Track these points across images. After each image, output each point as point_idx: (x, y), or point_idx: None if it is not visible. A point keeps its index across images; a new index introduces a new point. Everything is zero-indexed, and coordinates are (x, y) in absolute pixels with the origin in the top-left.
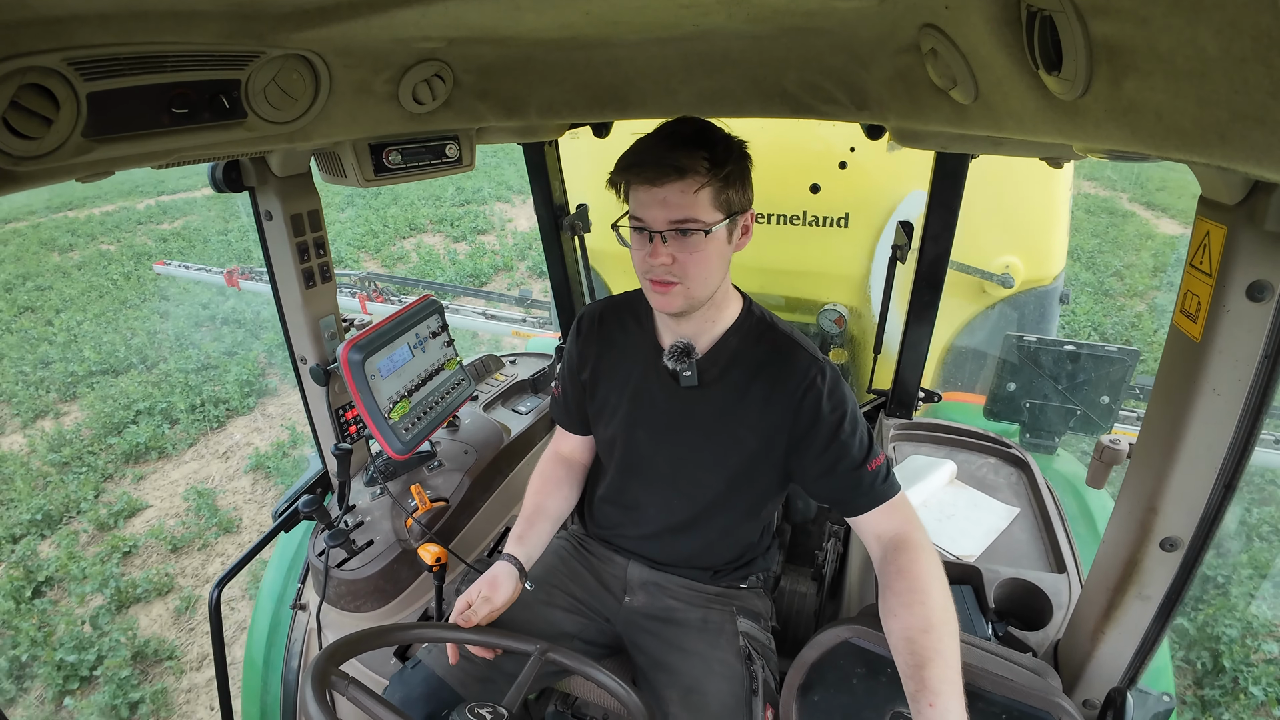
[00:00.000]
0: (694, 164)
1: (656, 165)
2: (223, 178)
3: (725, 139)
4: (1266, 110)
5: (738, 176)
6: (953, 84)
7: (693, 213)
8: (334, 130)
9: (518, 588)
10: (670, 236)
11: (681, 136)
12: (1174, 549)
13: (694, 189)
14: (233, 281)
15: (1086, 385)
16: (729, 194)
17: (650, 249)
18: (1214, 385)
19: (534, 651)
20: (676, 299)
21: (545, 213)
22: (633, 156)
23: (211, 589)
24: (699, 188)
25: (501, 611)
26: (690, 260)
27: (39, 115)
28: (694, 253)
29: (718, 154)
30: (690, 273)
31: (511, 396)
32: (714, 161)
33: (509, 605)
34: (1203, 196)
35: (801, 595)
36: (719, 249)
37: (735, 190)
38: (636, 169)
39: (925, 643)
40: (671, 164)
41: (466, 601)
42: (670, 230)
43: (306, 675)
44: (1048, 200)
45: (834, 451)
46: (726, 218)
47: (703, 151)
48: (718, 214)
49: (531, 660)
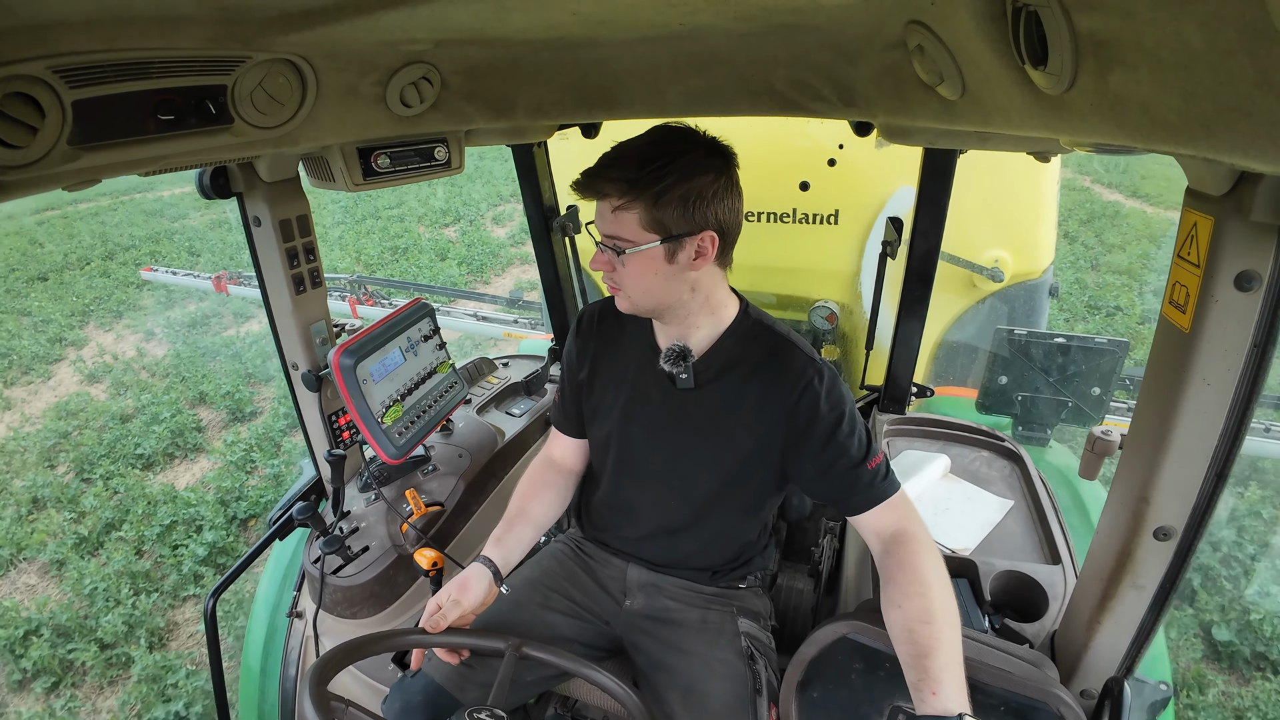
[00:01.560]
0: (613, 187)
1: (585, 184)
2: (210, 184)
3: (669, 157)
4: (1252, 102)
5: (679, 199)
6: (939, 80)
7: (616, 231)
8: (322, 134)
9: (492, 590)
10: (607, 246)
11: (620, 154)
12: (1167, 538)
13: (611, 209)
14: (221, 287)
15: (1077, 377)
16: (660, 216)
17: (595, 254)
18: (1204, 375)
19: (505, 648)
20: (623, 301)
21: (535, 214)
22: (583, 169)
23: (206, 598)
24: (616, 209)
25: (474, 614)
26: (624, 273)
27: (24, 124)
28: (624, 267)
29: (645, 176)
30: (626, 284)
31: (505, 399)
32: (636, 184)
33: (482, 608)
34: (1189, 188)
35: (799, 592)
36: (655, 267)
37: (672, 212)
38: (574, 184)
39: (927, 633)
40: (593, 186)
41: (436, 605)
42: (604, 243)
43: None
44: (1036, 194)
45: (832, 451)
46: (663, 240)
47: (629, 173)
48: (648, 234)
49: (505, 657)
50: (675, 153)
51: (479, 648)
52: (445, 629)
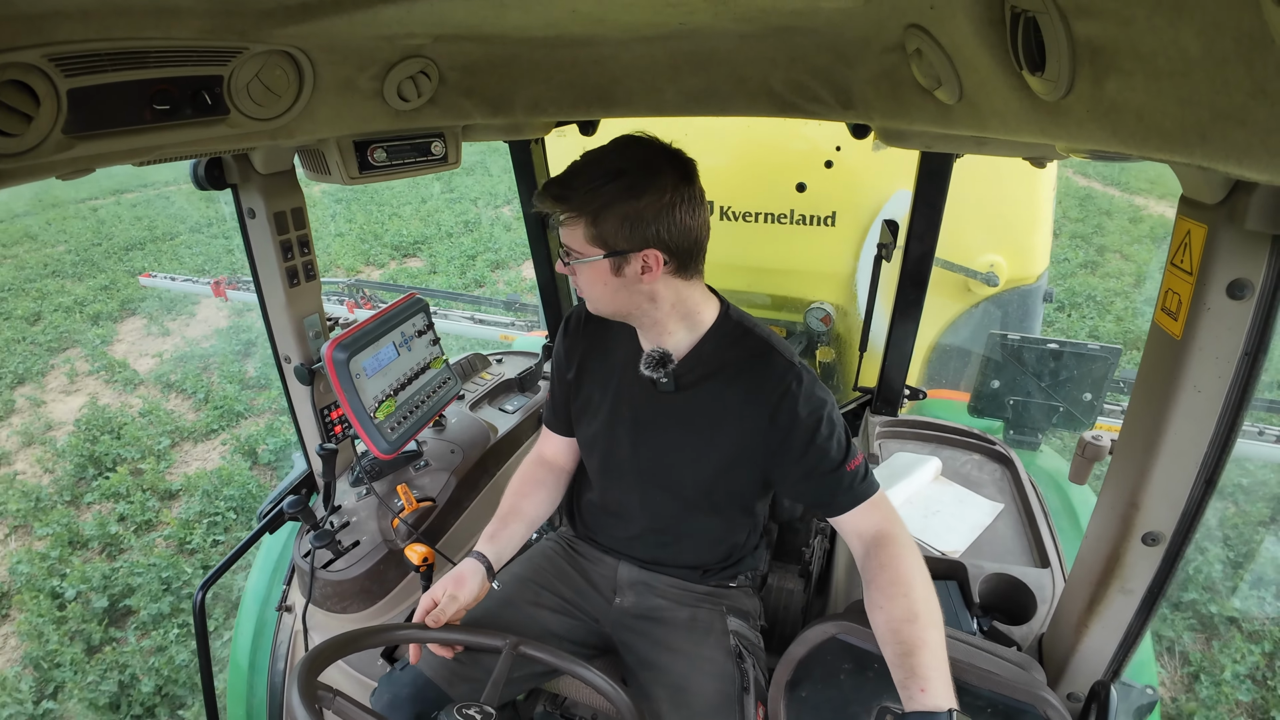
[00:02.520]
0: (556, 204)
1: (537, 194)
2: (205, 175)
3: (610, 176)
4: (1247, 110)
5: (619, 218)
6: (937, 84)
7: (567, 241)
8: (318, 127)
9: (485, 586)
10: (562, 253)
11: (573, 170)
12: (1156, 543)
13: (561, 219)
14: (219, 292)
15: (1069, 382)
16: (600, 231)
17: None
18: (1195, 382)
19: (504, 646)
20: (591, 305)
21: (532, 212)
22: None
23: (196, 591)
24: (563, 221)
25: (468, 609)
26: (581, 281)
27: (19, 112)
28: (580, 275)
29: (579, 196)
30: (584, 290)
31: (498, 395)
32: (574, 203)
33: (476, 603)
34: (1184, 196)
35: (789, 592)
36: (603, 279)
37: (610, 228)
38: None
39: (911, 632)
40: (540, 199)
41: (432, 600)
42: (562, 249)
43: (291, 688)
44: (1032, 200)
45: (812, 455)
46: (606, 254)
47: (569, 191)
48: (592, 248)
49: (503, 656)
50: (618, 171)
51: (477, 645)
52: (444, 624)
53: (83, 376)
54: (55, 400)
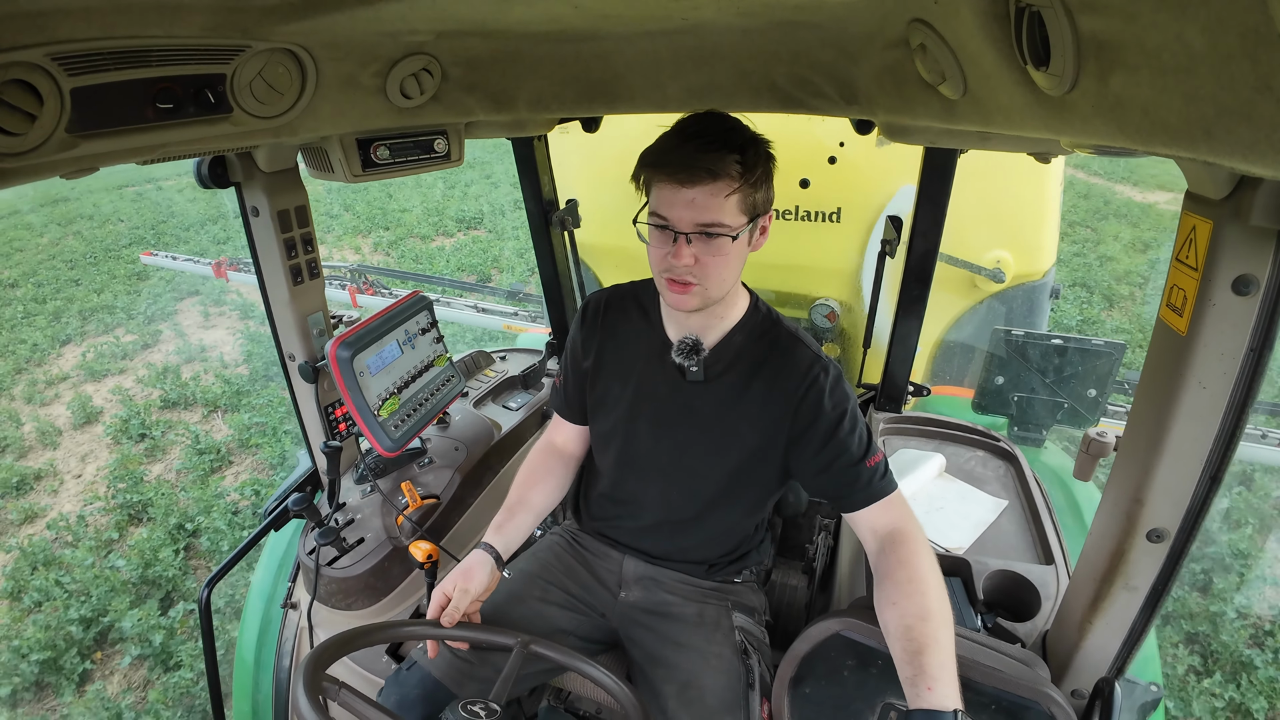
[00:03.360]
0: (727, 168)
1: (688, 166)
2: (208, 173)
3: (754, 140)
4: (1252, 106)
5: (764, 179)
6: (941, 79)
7: (720, 217)
8: (321, 125)
9: (495, 576)
10: (695, 238)
11: (713, 136)
12: (1160, 540)
13: (724, 193)
14: (221, 273)
15: (1073, 379)
16: (755, 197)
17: (673, 249)
18: (1200, 378)
19: (515, 645)
20: (694, 299)
21: (535, 208)
22: (662, 153)
23: (201, 588)
24: (729, 193)
25: (480, 601)
26: (712, 263)
27: (22, 111)
28: (716, 255)
29: (748, 158)
30: (710, 275)
31: (502, 393)
32: (745, 166)
33: (487, 594)
34: (1189, 191)
35: (792, 588)
36: (740, 251)
37: (761, 193)
38: (666, 168)
39: (923, 630)
40: (705, 167)
41: (445, 595)
42: (696, 232)
43: (297, 680)
44: (1039, 195)
45: (833, 448)
46: (750, 221)
47: (735, 155)
48: (743, 218)
49: (514, 654)
50: (753, 135)
51: (490, 642)
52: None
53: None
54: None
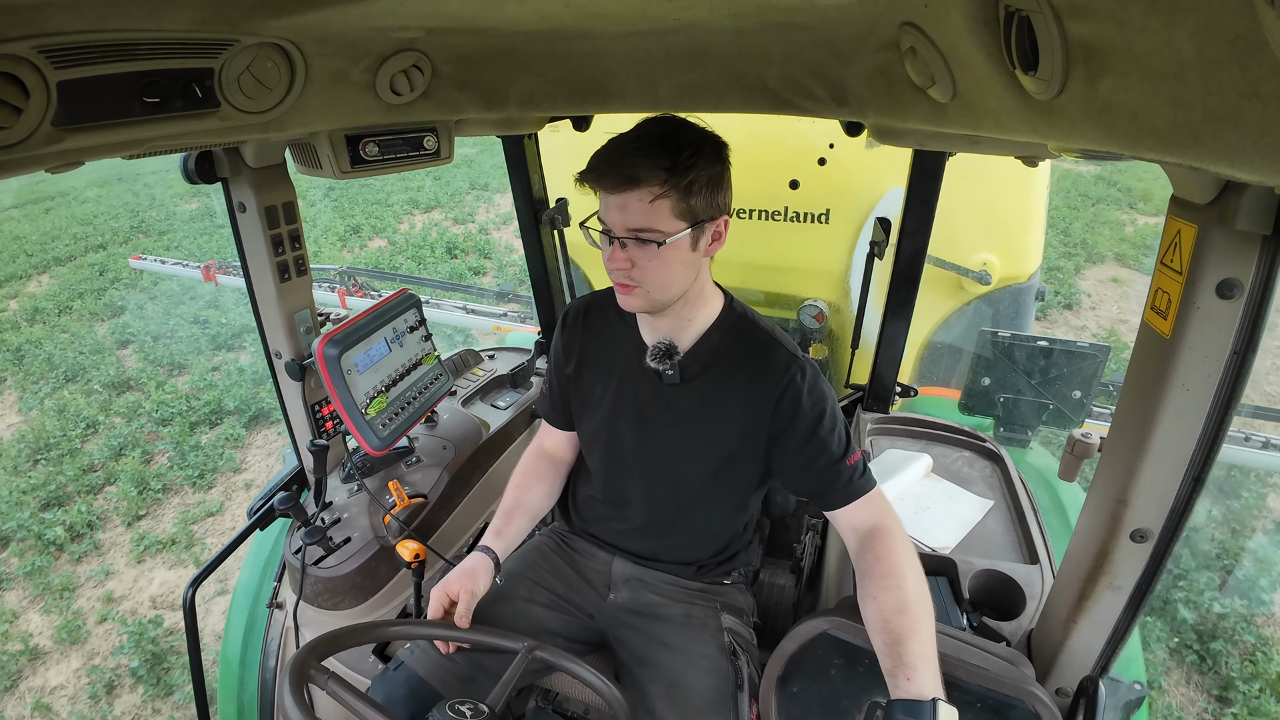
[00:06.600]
0: (651, 174)
1: (615, 172)
2: (195, 169)
3: (696, 144)
4: (1240, 112)
5: (705, 184)
6: (931, 82)
7: (649, 222)
8: (310, 121)
9: (491, 580)
10: (629, 242)
11: (647, 141)
12: (1144, 540)
13: (649, 199)
14: (210, 276)
15: (1059, 380)
16: (691, 203)
17: (610, 252)
18: (1184, 381)
19: (521, 649)
20: (637, 299)
21: (525, 207)
22: (597, 159)
23: (185, 588)
24: (655, 198)
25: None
26: (649, 267)
27: (8, 104)
28: (652, 260)
29: (680, 162)
30: (648, 278)
31: (490, 392)
32: (674, 171)
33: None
34: (1174, 196)
35: (780, 588)
36: (680, 256)
37: (700, 198)
38: (596, 174)
39: (901, 622)
40: (628, 173)
41: (447, 596)
42: (628, 236)
43: (285, 670)
44: (1025, 198)
45: (813, 447)
46: (690, 226)
47: (664, 160)
48: (678, 223)
49: (518, 658)
50: (696, 139)
51: (497, 646)
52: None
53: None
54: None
